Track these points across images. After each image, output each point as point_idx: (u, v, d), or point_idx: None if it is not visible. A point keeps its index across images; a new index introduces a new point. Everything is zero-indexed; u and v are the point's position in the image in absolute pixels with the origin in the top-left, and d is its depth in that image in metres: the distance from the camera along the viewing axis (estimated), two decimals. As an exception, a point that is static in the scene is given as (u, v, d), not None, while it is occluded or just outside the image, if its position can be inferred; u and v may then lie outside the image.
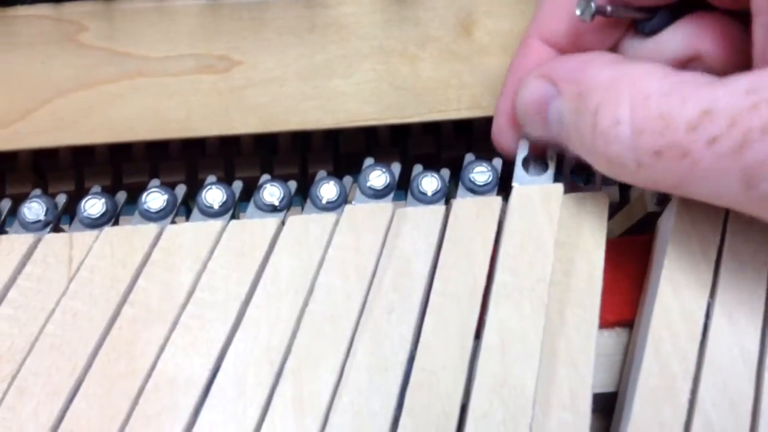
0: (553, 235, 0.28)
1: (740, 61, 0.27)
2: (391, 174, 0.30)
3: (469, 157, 0.31)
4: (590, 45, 0.30)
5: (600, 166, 0.26)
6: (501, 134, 0.32)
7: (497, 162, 0.31)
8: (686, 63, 0.29)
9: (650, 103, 0.23)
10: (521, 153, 0.31)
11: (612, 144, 0.24)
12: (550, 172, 0.30)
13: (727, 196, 0.23)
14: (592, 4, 0.28)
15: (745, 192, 0.22)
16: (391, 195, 0.30)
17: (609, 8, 0.28)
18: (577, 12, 0.28)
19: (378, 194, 0.30)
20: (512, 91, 0.31)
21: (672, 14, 0.29)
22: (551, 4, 0.30)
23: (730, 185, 0.22)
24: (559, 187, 0.30)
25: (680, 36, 0.29)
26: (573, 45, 0.30)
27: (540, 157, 0.31)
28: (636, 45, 0.30)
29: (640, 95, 0.24)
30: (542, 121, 0.28)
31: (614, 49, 0.31)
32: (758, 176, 0.22)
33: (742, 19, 0.28)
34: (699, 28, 0.28)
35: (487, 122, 0.34)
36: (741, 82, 0.22)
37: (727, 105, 0.22)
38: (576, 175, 0.31)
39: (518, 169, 0.30)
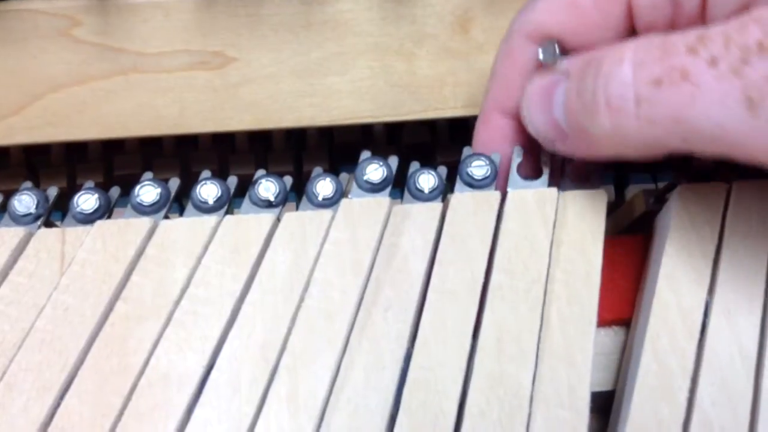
0: (548, 238, 0.28)
1: None
2: (389, 167, 0.30)
3: (466, 150, 0.31)
4: None
5: (600, 123, 0.25)
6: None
7: (495, 156, 0.31)
8: None
9: (651, 40, 0.24)
10: (516, 159, 0.30)
11: (612, 82, 0.24)
12: (545, 177, 0.30)
13: (730, 123, 0.22)
14: (556, 48, 0.28)
15: (747, 115, 0.22)
16: (388, 189, 0.30)
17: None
18: (541, 57, 0.29)
19: (375, 188, 0.30)
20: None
21: None
22: (501, 80, 0.31)
23: (732, 109, 0.22)
24: (554, 191, 0.29)
25: None
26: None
27: (533, 163, 0.31)
28: None
29: (643, 39, 0.24)
30: (546, 106, 0.28)
31: None
32: (759, 97, 0.21)
33: None
34: None
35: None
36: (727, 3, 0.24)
37: (717, 29, 0.22)
38: (572, 178, 0.31)
39: (513, 175, 0.30)
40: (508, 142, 0.31)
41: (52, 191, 0.30)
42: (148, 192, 0.30)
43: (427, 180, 0.30)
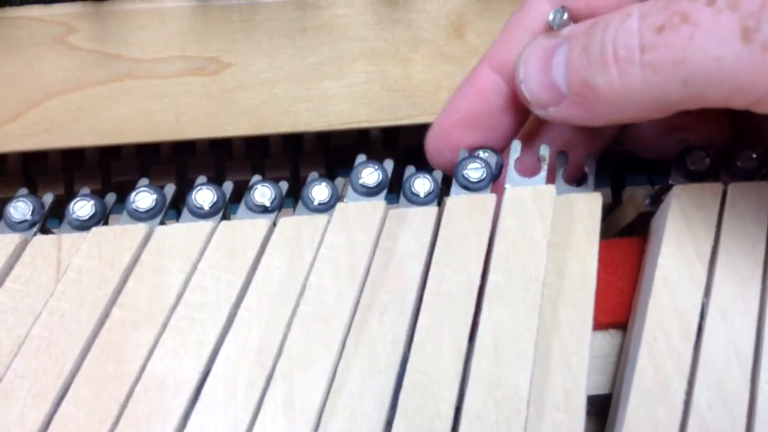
0: (546, 236, 0.28)
1: None
2: (384, 171, 0.30)
3: (462, 153, 0.31)
4: None
5: (606, 75, 0.25)
6: (439, 148, 0.32)
7: (491, 158, 0.31)
8: None
9: None
10: (513, 154, 0.30)
11: (620, 34, 0.25)
12: (543, 173, 0.30)
13: (730, 56, 0.23)
14: (565, 14, 0.29)
15: (744, 46, 0.22)
16: (384, 193, 0.30)
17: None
18: (550, 18, 0.29)
19: (370, 192, 0.30)
20: (453, 110, 0.32)
21: None
22: (504, 37, 0.31)
23: (730, 42, 0.22)
24: (552, 188, 0.29)
25: None
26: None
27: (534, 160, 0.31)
28: None
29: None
30: (545, 67, 0.28)
31: None
32: (755, 25, 0.22)
33: None
34: None
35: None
36: None
37: None
38: (567, 180, 0.31)
39: (511, 171, 0.30)
40: (489, 97, 0.31)
41: (48, 198, 0.30)
42: (143, 198, 0.30)
43: (422, 184, 0.30)
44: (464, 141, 0.31)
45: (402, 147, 0.45)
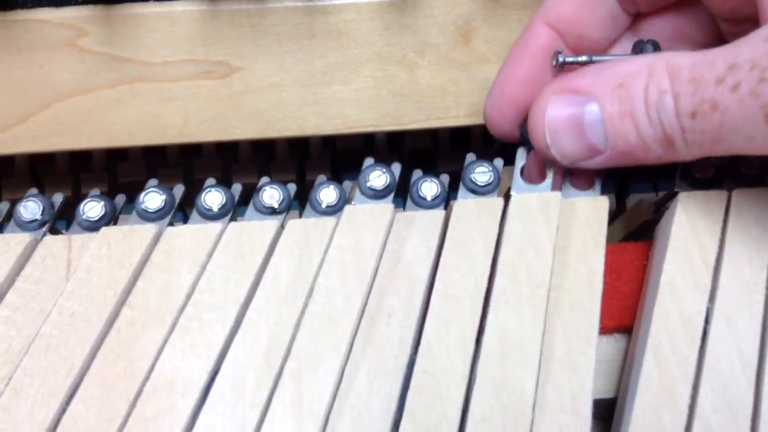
0: (551, 242, 0.29)
1: None
2: (392, 174, 0.30)
3: (470, 157, 0.31)
4: (594, 33, 0.32)
5: (654, 150, 0.27)
6: (497, 113, 0.32)
7: (498, 162, 0.31)
8: None
9: (684, 72, 0.26)
10: (519, 162, 0.31)
11: (663, 113, 0.26)
12: (548, 181, 0.30)
13: (759, 137, 0.25)
14: (559, 57, 0.30)
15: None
16: (391, 195, 0.30)
17: (583, 57, 0.30)
18: (552, 63, 0.31)
19: (378, 195, 0.30)
20: (512, 71, 0.32)
21: (654, 49, 0.30)
22: None
23: (756, 125, 0.24)
24: (557, 195, 0.30)
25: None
26: (576, 32, 0.32)
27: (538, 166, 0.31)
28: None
29: (675, 68, 0.26)
30: (577, 131, 0.29)
31: (614, 43, 0.33)
32: None
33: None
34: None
35: (484, 129, 0.34)
36: (760, 33, 0.25)
37: (749, 55, 0.25)
38: (574, 185, 0.31)
39: (516, 178, 0.30)
40: (548, 52, 0.32)
41: (58, 198, 0.31)
42: (153, 199, 0.30)
43: (429, 188, 0.31)
44: (528, 99, 0.31)
45: (407, 150, 0.45)
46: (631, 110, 0.27)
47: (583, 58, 0.30)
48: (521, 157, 0.31)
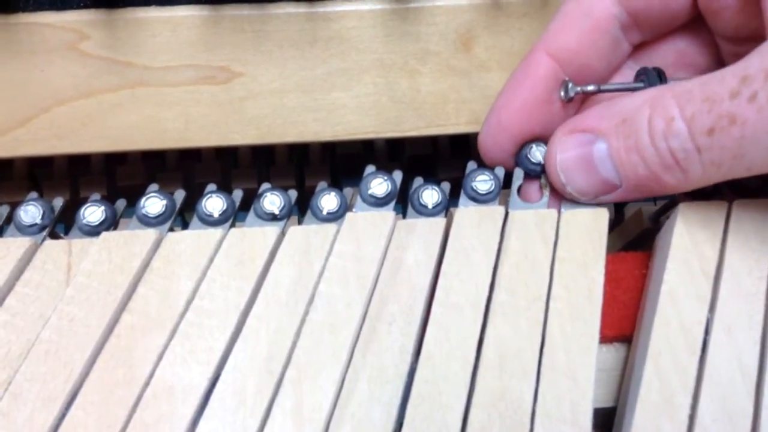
0: (548, 258, 0.29)
1: None
2: (393, 182, 0.30)
3: (471, 165, 0.31)
4: (595, 63, 0.31)
5: (666, 179, 0.27)
6: (492, 141, 0.32)
7: (499, 170, 0.31)
8: None
9: (693, 94, 0.26)
10: (516, 181, 0.31)
11: (672, 139, 0.26)
12: (545, 199, 0.31)
13: None
14: (569, 88, 0.31)
15: None
16: (393, 203, 0.30)
17: (591, 87, 0.31)
18: (561, 95, 0.31)
19: (379, 202, 0.30)
20: (510, 100, 0.32)
21: (659, 75, 0.30)
22: (561, 21, 0.32)
23: None
24: (554, 212, 0.30)
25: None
26: (578, 62, 0.31)
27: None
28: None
29: (682, 92, 0.26)
30: (589, 169, 0.29)
31: (615, 71, 0.32)
32: None
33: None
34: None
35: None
36: None
37: (760, 65, 0.25)
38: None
39: (513, 196, 0.30)
40: (548, 83, 0.31)
41: (58, 202, 0.31)
42: (153, 204, 0.30)
43: (430, 195, 0.31)
44: (525, 130, 0.31)
45: (407, 157, 0.45)
46: (635, 143, 0.27)
47: (591, 88, 0.31)
48: (518, 177, 0.31)
